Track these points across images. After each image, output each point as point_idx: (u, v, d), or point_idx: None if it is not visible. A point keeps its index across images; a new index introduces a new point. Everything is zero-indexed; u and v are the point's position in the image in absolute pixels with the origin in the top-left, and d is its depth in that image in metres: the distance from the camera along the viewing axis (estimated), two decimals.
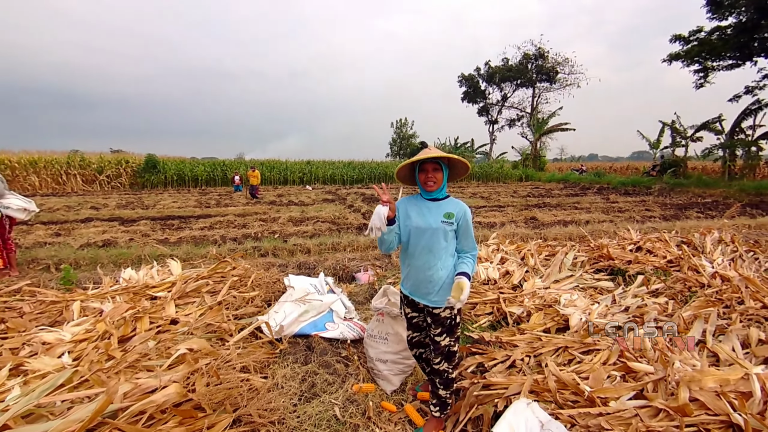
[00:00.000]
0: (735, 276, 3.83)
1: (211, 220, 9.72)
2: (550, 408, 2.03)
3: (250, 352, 2.57)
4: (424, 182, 2.00)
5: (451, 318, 2.03)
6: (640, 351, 2.53)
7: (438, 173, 1.99)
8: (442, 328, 2.03)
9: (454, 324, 2.05)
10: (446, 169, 2.03)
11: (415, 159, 1.95)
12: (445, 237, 1.97)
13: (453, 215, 1.97)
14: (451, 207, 2.01)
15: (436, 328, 2.04)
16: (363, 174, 26.04)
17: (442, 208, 2.01)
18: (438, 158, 1.97)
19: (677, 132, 24.14)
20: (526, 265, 4.34)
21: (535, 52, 34.17)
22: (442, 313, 2.01)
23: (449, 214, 1.97)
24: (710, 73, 20.31)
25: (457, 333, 2.09)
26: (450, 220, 1.97)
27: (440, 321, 2.02)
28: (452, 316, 2.03)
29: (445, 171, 2.02)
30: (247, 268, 4.08)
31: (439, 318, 2.02)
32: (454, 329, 2.06)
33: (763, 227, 7.88)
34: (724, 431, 1.83)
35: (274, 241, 6.55)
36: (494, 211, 11.12)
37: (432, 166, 1.98)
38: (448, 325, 2.03)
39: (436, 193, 2.04)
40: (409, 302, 2.14)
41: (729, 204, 12.68)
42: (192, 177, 22.55)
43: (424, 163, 1.99)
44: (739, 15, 17.24)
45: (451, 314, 2.02)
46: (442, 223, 1.96)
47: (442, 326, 2.03)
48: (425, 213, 2.02)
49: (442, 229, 1.96)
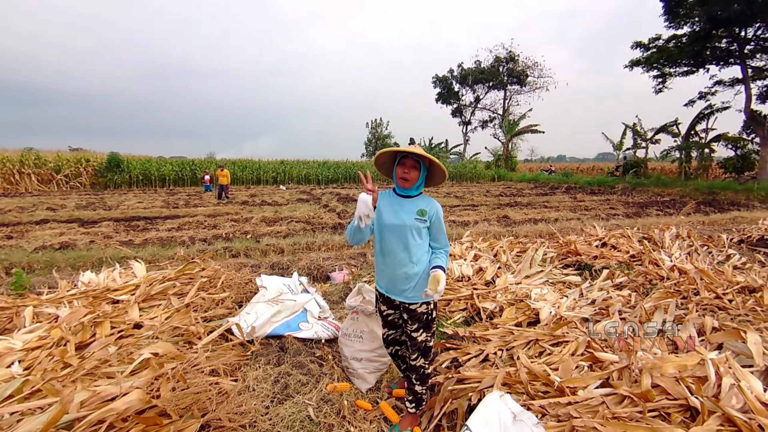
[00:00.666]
0: (691, 269, 4.05)
1: (180, 220, 9.37)
2: (522, 399, 2.07)
3: (219, 354, 2.48)
4: (400, 176, 1.98)
5: (428, 313, 2.03)
6: (606, 342, 2.63)
7: (415, 171, 1.97)
8: (418, 324, 2.03)
9: (431, 319, 2.06)
10: (424, 170, 2.02)
11: (400, 149, 1.94)
12: (419, 234, 1.97)
13: (426, 212, 1.97)
14: (424, 204, 2.01)
15: (413, 324, 2.04)
16: (338, 174, 25.87)
17: (415, 205, 2.01)
18: (419, 157, 1.96)
19: (638, 134, 25.42)
20: (499, 262, 4.43)
21: (506, 56, 35.11)
22: (418, 309, 2.01)
23: (422, 211, 1.97)
24: (668, 78, 21.51)
25: (433, 328, 2.09)
26: (423, 217, 1.97)
27: (416, 317, 2.02)
28: (428, 311, 2.03)
29: (422, 172, 2.00)
30: (217, 269, 3.95)
31: (415, 314, 2.02)
32: (430, 325, 2.06)
33: (715, 223, 8.42)
34: (683, 414, 1.92)
35: (246, 241, 6.38)
36: (468, 210, 11.31)
37: (411, 162, 1.96)
38: (424, 320, 2.03)
39: (410, 190, 2.03)
40: (385, 299, 2.12)
41: (685, 202, 13.47)
42: (159, 176, 21.68)
43: (405, 157, 1.97)
44: (693, 25, 18.34)
45: (427, 309, 2.03)
46: (415, 220, 1.96)
47: (418, 322, 2.03)
48: (397, 210, 2.01)
49: (415, 226, 1.95)
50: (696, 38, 18.23)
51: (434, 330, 2.11)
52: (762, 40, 17.84)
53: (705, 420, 1.78)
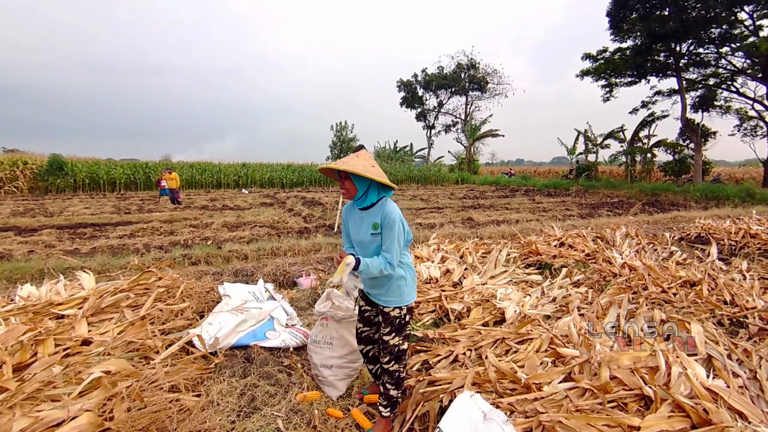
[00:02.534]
0: (640, 266, 4.35)
1: (132, 227, 8.81)
2: (492, 398, 2.11)
3: (180, 369, 2.34)
4: (340, 188, 1.96)
5: (400, 318, 2.04)
6: (567, 337, 2.76)
7: (348, 182, 1.89)
8: (390, 327, 2.04)
9: (403, 323, 2.06)
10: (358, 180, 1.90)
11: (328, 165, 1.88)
12: (377, 247, 1.98)
13: (378, 225, 1.93)
14: (377, 215, 1.94)
15: (386, 327, 2.05)
16: (303, 177, 25.44)
17: (372, 218, 1.95)
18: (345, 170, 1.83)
19: (589, 140, 27.05)
20: (465, 263, 4.53)
21: (467, 63, 36.21)
22: (391, 313, 2.03)
23: (375, 224, 1.94)
24: (614, 88, 23.08)
25: (405, 332, 2.09)
26: (377, 231, 1.94)
27: (389, 320, 2.04)
28: (401, 315, 2.04)
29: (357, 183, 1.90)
30: (175, 277, 3.74)
31: (388, 317, 2.04)
32: (402, 329, 2.06)
33: (658, 223, 9.10)
34: (638, 403, 2.05)
35: (207, 247, 6.11)
36: (434, 213, 11.50)
37: (343, 174, 1.88)
38: (397, 324, 2.04)
39: (360, 202, 1.95)
40: (364, 295, 2.18)
41: (632, 203, 14.47)
42: (108, 180, 20.27)
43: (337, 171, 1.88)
44: (635, 38, 19.82)
45: (399, 314, 2.03)
46: (371, 236, 1.96)
47: (391, 325, 2.04)
48: (358, 225, 2.03)
49: (375, 242, 1.97)
50: (638, 51, 19.70)
51: (407, 334, 2.12)
52: (694, 55, 19.61)
53: (658, 408, 1.90)
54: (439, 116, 39.33)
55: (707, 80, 20.89)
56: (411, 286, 2.10)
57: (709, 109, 21.48)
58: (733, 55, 18.93)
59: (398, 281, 2.03)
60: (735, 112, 21.82)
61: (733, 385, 2.11)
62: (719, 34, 17.96)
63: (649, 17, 17.59)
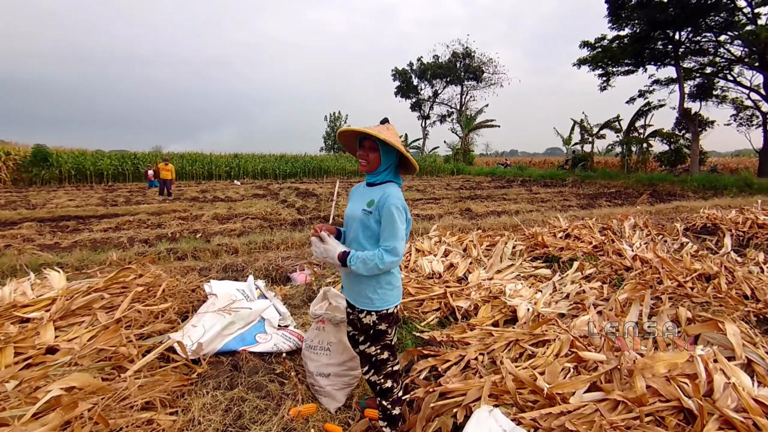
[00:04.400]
0: (653, 258, 4.13)
1: (118, 219, 8.44)
2: (512, 412, 1.86)
3: (157, 381, 2.06)
4: (358, 157, 1.76)
5: (372, 326, 1.77)
6: (587, 339, 2.52)
7: (373, 153, 1.71)
8: (364, 336, 1.83)
9: (378, 332, 1.79)
10: (391, 155, 1.74)
11: (358, 129, 1.67)
12: (368, 227, 1.70)
13: (373, 203, 1.68)
14: (376, 193, 1.71)
15: (360, 335, 1.85)
16: (296, 168, 25.01)
17: (372, 194, 1.73)
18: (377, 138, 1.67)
19: (585, 130, 26.86)
20: (470, 257, 4.27)
21: (462, 52, 35.64)
22: (363, 318, 1.79)
23: (371, 201, 1.69)
24: (611, 77, 22.82)
25: (384, 342, 1.82)
26: (369, 208, 1.68)
27: (362, 327, 1.82)
28: (372, 323, 1.77)
29: (386, 156, 1.73)
30: (158, 274, 3.43)
31: (361, 323, 1.82)
32: (380, 338, 1.80)
33: (660, 213, 8.92)
34: (677, 416, 1.81)
35: (195, 241, 5.79)
36: (431, 204, 11.23)
37: (369, 143, 1.70)
38: (370, 333, 1.80)
39: (374, 176, 1.76)
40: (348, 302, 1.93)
41: (629, 193, 14.33)
42: (95, 171, 19.72)
43: (365, 138, 1.72)
44: (633, 26, 19.52)
45: (370, 321, 1.76)
46: (362, 211, 1.70)
47: (364, 333, 1.83)
48: (357, 200, 1.81)
49: (361, 218, 1.71)
50: (636, 39, 19.42)
51: (387, 344, 1.82)
52: (693, 43, 19.37)
53: (705, 424, 1.66)
54: (434, 106, 38.87)
55: (704, 69, 20.71)
56: (387, 289, 1.75)
57: (707, 98, 21.34)
58: (731, 43, 18.74)
59: (371, 280, 1.72)
60: (731, 101, 21.74)
61: None
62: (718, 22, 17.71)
63: (649, 4, 17.26)
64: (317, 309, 2.37)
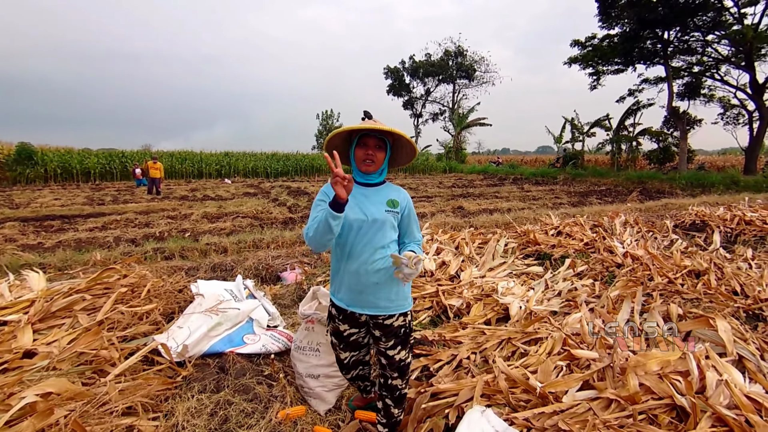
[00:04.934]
0: (644, 255, 4.14)
1: (105, 219, 8.27)
2: (505, 412, 1.83)
3: (139, 385, 1.98)
4: (361, 160, 1.62)
5: (405, 326, 1.71)
6: (579, 336, 2.50)
7: (380, 152, 1.63)
8: (395, 340, 1.69)
9: (408, 332, 1.74)
10: (390, 150, 1.69)
11: (358, 127, 1.55)
12: (393, 229, 1.65)
13: (397, 202, 1.65)
14: (393, 193, 1.69)
15: (388, 341, 1.68)
16: (288, 166, 24.83)
17: (383, 195, 1.67)
18: (383, 134, 1.59)
19: (576, 128, 27.04)
20: (462, 255, 4.24)
21: (455, 50, 35.67)
22: (395, 323, 1.67)
23: (393, 201, 1.65)
24: (601, 76, 23.00)
25: (411, 342, 1.78)
26: (395, 208, 1.64)
27: (393, 332, 1.67)
28: (406, 324, 1.71)
29: (388, 152, 1.67)
30: (143, 274, 3.34)
31: (391, 329, 1.67)
32: (408, 339, 1.74)
33: (650, 210, 8.99)
34: (669, 414, 1.80)
35: (183, 240, 5.68)
36: (423, 202, 11.21)
37: (375, 141, 1.60)
38: (402, 335, 1.70)
39: (374, 176, 1.68)
40: (347, 316, 1.72)
41: (619, 191, 14.47)
42: (82, 170, 19.34)
43: (366, 136, 1.60)
44: (623, 25, 19.69)
45: (405, 322, 1.71)
46: (386, 212, 1.62)
47: (395, 337, 1.68)
48: (362, 202, 1.63)
49: (388, 220, 1.62)
50: (626, 38, 19.59)
51: (412, 344, 1.80)
52: (681, 43, 19.60)
53: (698, 422, 1.65)
54: (427, 104, 38.85)
55: (692, 68, 20.97)
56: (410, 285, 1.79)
57: (695, 97, 21.63)
58: (719, 42, 18.99)
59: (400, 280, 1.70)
60: (718, 100, 22.03)
61: None
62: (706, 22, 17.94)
63: (638, 3, 17.41)
64: (306, 309, 2.32)
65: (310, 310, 2.30)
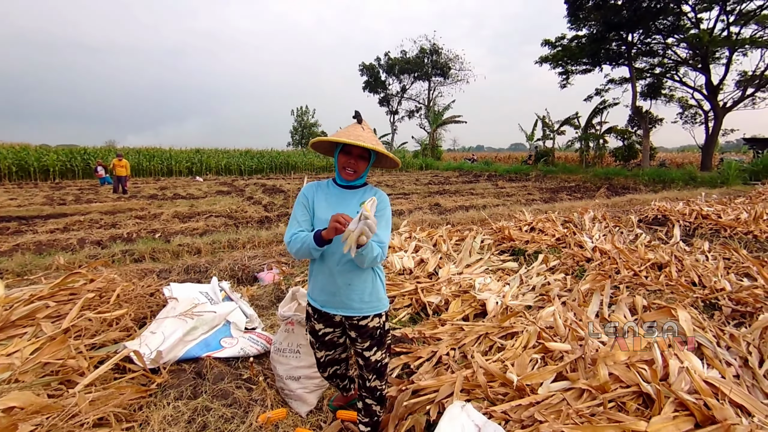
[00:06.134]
0: (611, 249, 4.34)
1: (67, 219, 7.85)
2: (484, 406, 1.89)
3: (111, 395, 1.91)
4: (343, 167, 1.64)
5: (380, 327, 1.72)
6: (553, 329, 2.60)
7: (362, 162, 1.64)
8: (371, 341, 1.70)
9: (384, 333, 1.74)
10: (373, 157, 1.70)
11: (343, 140, 1.54)
12: None
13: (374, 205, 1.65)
14: (369, 195, 1.68)
15: (364, 342, 1.70)
16: (263, 163, 24.30)
17: (359, 197, 1.67)
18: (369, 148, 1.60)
19: (547, 126, 27.89)
20: (440, 252, 4.31)
21: (430, 48, 35.91)
22: (369, 323, 1.68)
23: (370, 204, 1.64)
24: (570, 75, 23.80)
25: (387, 342, 1.79)
26: None
27: (368, 333, 1.68)
28: (381, 325, 1.72)
29: (371, 160, 1.69)
30: (111, 278, 3.21)
31: (366, 330, 1.68)
32: (384, 340, 1.75)
33: (616, 205, 9.41)
34: (636, 401, 1.90)
35: (153, 242, 5.47)
36: (400, 199, 11.27)
37: (359, 151, 1.62)
38: (378, 336, 1.71)
39: (359, 180, 1.70)
40: (321, 315, 1.73)
41: (588, 187, 15.04)
42: (40, 168, 18.22)
43: (350, 145, 1.61)
44: (591, 27, 20.43)
45: (380, 323, 1.71)
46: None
47: (371, 339, 1.70)
48: (338, 204, 1.66)
49: None
50: (593, 40, 20.36)
51: (389, 344, 1.81)
52: (644, 45, 20.55)
53: (662, 408, 1.75)
54: (402, 101, 38.98)
55: (654, 69, 22.04)
56: (383, 286, 1.78)
57: (656, 97, 22.73)
58: (678, 45, 20.03)
59: (376, 280, 1.71)
60: (677, 100, 23.27)
61: (728, 375, 2.02)
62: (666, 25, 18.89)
63: (604, 6, 18.11)
64: (286, 310, 2.29)
65: (290, 311, 2.27)
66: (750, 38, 17.97)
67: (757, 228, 5.58)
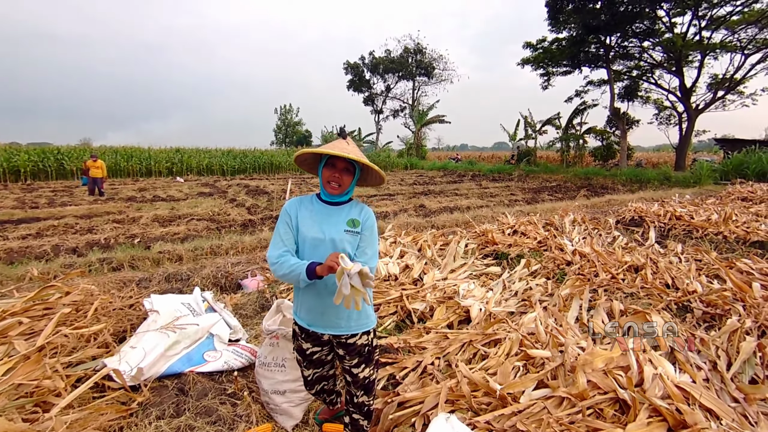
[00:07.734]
0: (590, 252, 4.46)
1: (40, 224, 7.57)
2: (468, 417, 1.92)
3: (90, 417, 1.86)
4: (327, 181, 1.62)
5: (369, 344, 1.73)
6: (535, 335, 2.66)
7: (347, 176, 1.63)
8: (359, 359, 1.71)
9: (372, 349, 1.76)
10: (358, 172, 1.69)
11: (327, 151, 1.55)
12: (351, 249, 1.64)
13: (359, 222, 1.65)
14: (356, 212, 1.69)
15: (352, 359, 1.71)
16: (245, 163, 23.93)
17: (345, 214, 1.67)
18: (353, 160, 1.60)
19: (529, 125, 28.36)
20: (424, 257, 4.35)
21: (414, 47, 36.02)
22: (358, 341, 1.69)
23: (353, 221, 1.64)
24: (551, 77, 24.29)
25: (375, 359, 1.80)
26: (355, 228, 1.63)
27: (356, 350, 1.69)
28: (369, 342, 1.73)
29: (356, 175, 1.68)
30: (89, 290, 3.12)
31: (354, 347, 1.69)
32: (372, 356, 1.76)
33: (595, 206, 9.67)
34: (613, 407, 1.97)
35: (132, 248, 5.34)
36: (385, 200, 11.29)
37: (344, 164, 1.61)
38: (366, 353, 1.72)
39: (339, 196, 1.68)
40: (309, 335, 1.73)
41: (568, 187, 15.39)
42: (10, 168, 17.48)
43: (335, 158, 1.60)
44: (570, 30, 20.89)
45: (368, 340, 1.72)
46: (345, 233, 1.62)
47: (359, 356, 1.70)
48: (322, 220, 1.65)
49: (345, 240, 1.61)
50: (573, 42, 20.83)
51: (377, 360, 1.82)
52: (621, 48, 21.14)
53: (637, 414, 1.83)
54: (387, 101, 39.01)
55: (631, 72, 22.69)
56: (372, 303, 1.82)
57: (633, 99, 23.42)
58: (653, 49, 20.67)
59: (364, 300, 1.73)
60: (653, 102, 24.04)
61: (698, 379, 2.11)
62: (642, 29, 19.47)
63: (583, 9, 18.53)
64: (270, 324, 2.28)
65: (275, 325, 2.26)
66: (720, 43, 18.72)
67: (727, 229, 5.83)
